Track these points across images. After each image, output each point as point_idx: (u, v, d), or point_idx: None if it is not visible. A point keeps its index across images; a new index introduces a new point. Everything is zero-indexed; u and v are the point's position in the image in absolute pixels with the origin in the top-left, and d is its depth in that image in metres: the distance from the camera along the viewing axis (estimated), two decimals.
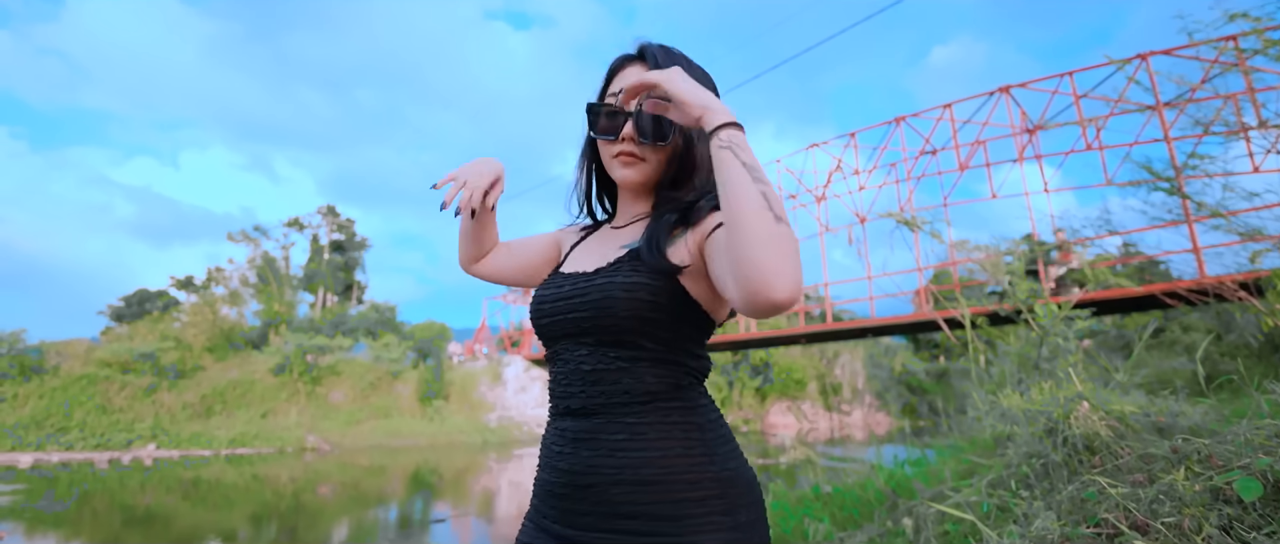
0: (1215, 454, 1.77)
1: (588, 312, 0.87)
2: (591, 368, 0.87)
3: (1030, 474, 2.37)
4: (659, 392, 0.85)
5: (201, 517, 10.51)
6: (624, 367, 0.85)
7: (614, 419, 0.85)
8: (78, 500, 11.33)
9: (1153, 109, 9.36)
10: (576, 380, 0.88)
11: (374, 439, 20.03)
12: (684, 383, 0.87)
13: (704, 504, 0.79)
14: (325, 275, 33.56)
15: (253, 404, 20.40)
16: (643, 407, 0.84)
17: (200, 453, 17.47)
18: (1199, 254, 9.04)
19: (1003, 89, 11.89)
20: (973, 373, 3.85)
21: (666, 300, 0.85)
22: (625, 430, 0.84)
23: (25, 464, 15.08)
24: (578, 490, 0.84)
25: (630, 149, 0.93)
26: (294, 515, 10.69)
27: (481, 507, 11.06)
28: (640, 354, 0.85)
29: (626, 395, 0.85)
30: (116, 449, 17.19)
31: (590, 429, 0.86)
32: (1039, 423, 2.59)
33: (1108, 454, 2.23)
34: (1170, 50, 8.42)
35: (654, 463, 0.81)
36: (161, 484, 13.31)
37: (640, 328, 0.85)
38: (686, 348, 0.88)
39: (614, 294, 0.85)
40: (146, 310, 29.97)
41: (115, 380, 19.01)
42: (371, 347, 24.25)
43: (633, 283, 0.84)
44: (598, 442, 0.85)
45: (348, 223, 37.09)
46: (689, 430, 0.84)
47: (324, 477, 14.26)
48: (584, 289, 0.89)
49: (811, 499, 4.00)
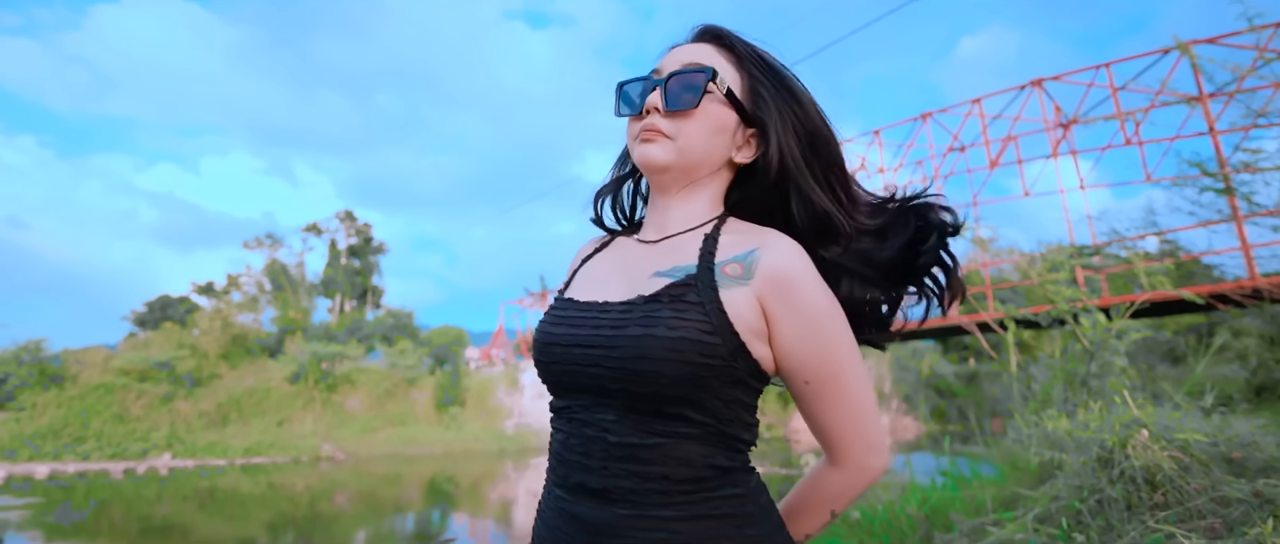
0: None
1: (615, 369, 0.67)
2: (618, 440, 0.68)
3: (1083, 510, 2.18)
4: (707, 477, 0.68)
5: (218, 527, 10.59)
6: (663, 443, 0.67)
7: (646, 513, 0.66)
8: (95, 511, 11.48)
9: (1196, 100, 9.01)
10: (598, 453, 0.69)
11: (390, 447, 20.12)
12: (736, 463, 0.70)
13: None
14: (342, 281, 33.88)
15: (268, 412, 20.60)
16: (687, 497, 0.67)
17: (216, 462, 17.66)
18: (1249, 253, 8.68)
19: (1035, 82, 11.58)
20: (1015, 390, 3.64)
21: (722, 362, 0.66)
22: (663, 529, 0.66)
23: (42, 475, 15.35)
24: None
25: (655, 122, 0.74)
26: (310, 525, 10.72)
27: (499, 517, 11.01)
28: (685, 428, 0.68)
29: (665, 481, 0.67)
30: (132, 459, 17.45)
31: (615, 523, 0.67)
32: (1091, 451, 2.39)
33: (1171, 490, 2.03)
34: (1214, 38, 8.09)
35: None
36: (177, 494, 13.45)
37: (687, 395, 0.66)
38: (741, 418, 0.71)
39: (651, 352, 0.65)
40: (168, 316, 30.43)
41: (132, 389, 19.30)
42: (387, 353, 24.38)
43: (678, 339, 0.65)
44: (626, 540, 0.66)
45: (365, 227, 37.49)
46: (743, 525, 0.67)
47: (340, 486, 14.32)
48: (610, 337, 0.69)
49: (837, 524, 3.81)
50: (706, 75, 0.73)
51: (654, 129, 0.74)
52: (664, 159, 0.74)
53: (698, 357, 0.65)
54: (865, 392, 0.69)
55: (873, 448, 0.69)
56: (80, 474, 15.61)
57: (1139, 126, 10.40)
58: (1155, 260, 10.49)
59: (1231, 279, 8.49)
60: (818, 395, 0.68)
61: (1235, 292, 6.04)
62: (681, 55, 0.76)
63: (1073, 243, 8.63)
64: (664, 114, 0.74)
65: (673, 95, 0.73)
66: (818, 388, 0.68)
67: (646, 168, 0.76)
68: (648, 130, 0.74)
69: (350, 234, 36.95)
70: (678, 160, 0.75)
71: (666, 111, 0.74)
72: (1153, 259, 10.43)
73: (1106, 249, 6.89)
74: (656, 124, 0.74)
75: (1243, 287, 6.26)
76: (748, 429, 0.72)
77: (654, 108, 0.74)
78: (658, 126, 0.74)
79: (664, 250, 0.76)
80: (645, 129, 0.74)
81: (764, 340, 0.69)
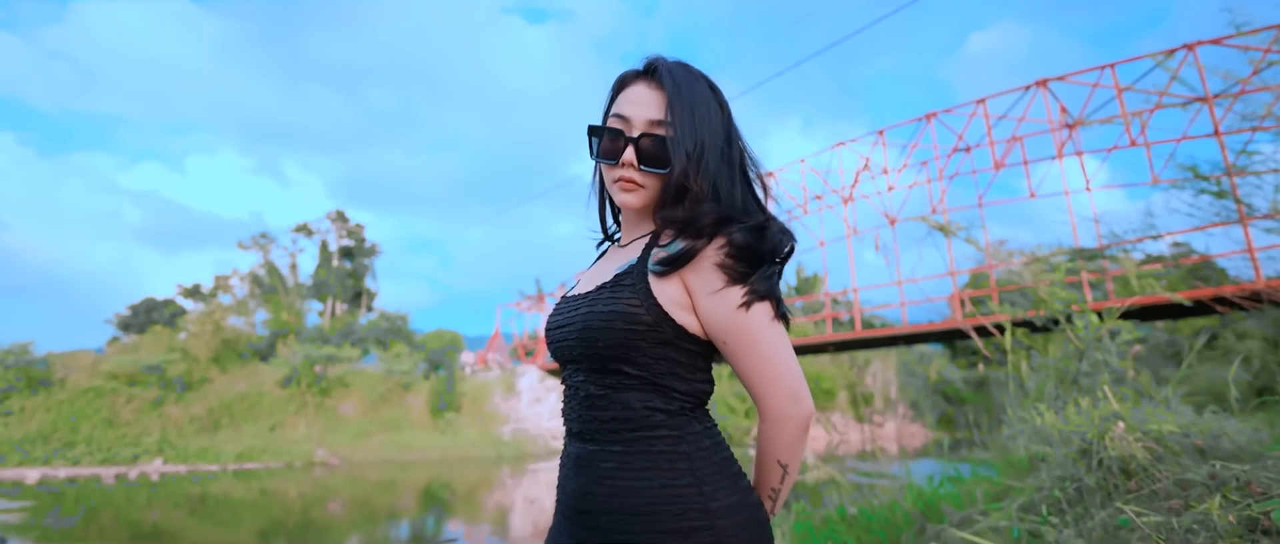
0: (1255, 481, 1.76)
1: (573, 340, 0.93)
2: (587, 394, 0.93)
3: (1062, 499, 2.37)
4: (645, 420, 0.89)
5: (209, 534, 10.73)
6: (610, 394, 0.90)
7: (605, 447, 0.90)
8: (84, 517, 11.63)
9: (1201, 101, 9.21)
10: (576, 404, 0.95)
11: (384, 453, 20.29)
12: (673, 409, 0.90)
13: (689, 538, 0.82)
14: (334, 283, 34.03)
15: (260, 417, 20.77)
16: (631, 434, 0.89)
17: (207, 467, 17.84)
18: (1254, 256, 8.88)
19: (1040, 82, 11.77)
20: (1010, 386, 3.83)
21: (645, 329, 0.88)
22: (614, 459, 0.88)
23: (32, 479, 15.52)
24: (578, 514, 0.90)
25: (630, 175, 0.96)
26: (303, 532, 10.87)
27: (495, 523, 11.16)
28: (622, 381, 0.90)
29: (615, 422, 0.90)
30: (123, 464, 17.63)
31: (587, 455, 0.92)
32: (1073, 444, 2.58)
33: (1144, 478, 2.22)
34: (1219, 40, 8.28)
35: (640, 493, 0.85)
36: (169, 500, 13.60)
37: (620, 355, 0.89)
38: (675, 373, 0.90)
39: (592, 324, 0.90)
40: (154, 320, 30.55)
41: (122, 393, 19.48)
42: (382, 357, 24.52)
43: (610, 313, 0.89)
44: (593, 468, 0.90)
45: (357, 228, 37.58)
46: (675, 460, 0.86)
47: (333, 492, 14.47)
48: (571, 318, 0.95)
49: (836, 521, 4.00)
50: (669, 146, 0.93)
51: (631, 181, 0.96)
52: (639, 204, 0.98)
53: (623, 325, 0.88)
54: (778, 349, 0.87)
55: (793, 397, 0.86)
56: (71, 479, 15.79)
57: (1144, 128, 10.59)
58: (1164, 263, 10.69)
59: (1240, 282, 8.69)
60: (735, 354, 0.87)
61: (1236, 294, 6.22)
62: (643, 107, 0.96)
63: (1077, 245, 8.81)
64: (638, 170, 0.96)
65: (644, 154, 0.95)
66: (734, 347, 0.87)
67: (626, 208, 1.01)
68: (626, 182, 0.97)
69: (342, 235, 37.10)
70: (648, 202, 0.98)
71: (641, 170, 0.95)
72: (1162, 261, 10.63)
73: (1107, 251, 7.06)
74: (633, 177, 0.96)
75: (1243, 289, 6.44)
76: (683, 382, 0.91)
77: (629, 163, 0.95)
78: (634, 179, 0.96)
79: (625, 252, 1.01)
80: (624, 180, 0.97)
81: (689, 311, 0.89)
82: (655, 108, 0.95)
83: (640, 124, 0.95)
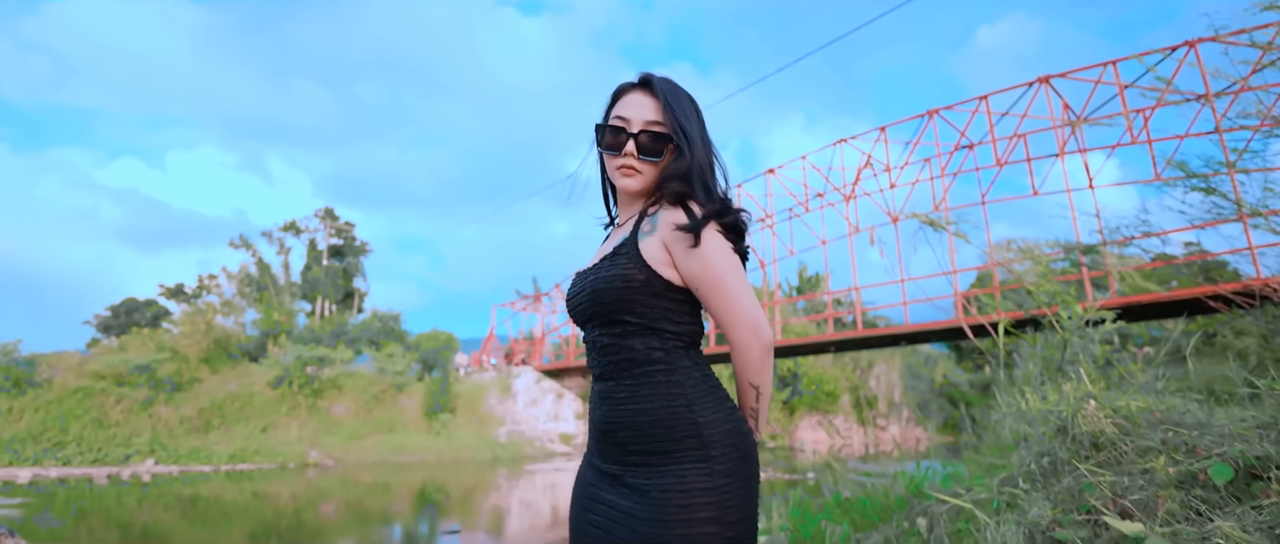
0: (1200, 445, 2.02)
1: (586, 302, 1.22)
2: (602, 344, 1.21)
3: (1037, 471, 2.63)
4: (648, 358, 1.17)
5: (200, 536, 10.94)
6: (618, 340, 1.19)
7: (620, 382, 1.19)
8: (74, 518, 11.84)
9: (1202, 98, 9.48)
10: (595, 352, 1.24)
11: (378, 455, 20.51)
12: (668, 347, 1.18)
13: (682, 443, 1.11)
14: (325, 282, 34.21)
15: (252, 418, 21.01)
16: (639, 369, 1.17)
17: (199, 468, 18.08)
18: (1254, 254, 9.16)
19: (1042, 79, 12.04)
20: (1000, 376, 4.10)
21: (639, 285, 1.16)
22: (626, 390, 1.17)
23: (24, 479, 15.76)
24: (604, 434, 1.20)
25: (631, 163, 1.24)
26: (295, 534, 11.08)
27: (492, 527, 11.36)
28: (627, 329, 1.18)
29: (625, 362, 1.18)
30: (114, 464, 17.88)
31: (607, 390, 1.21)
32: (1051, 422, 2.84)
33: (1112, 450, 2.48)
34: (1219, 36, 8.51)
35: (646, 413, 1.14)
36: (160, 501, 13.79)
37: (621, 308, 1.17)
38: (667, 318, 1.18)
39: (599, 287, 1.19)
40: (135, 322, 30.74)
41: (111, 393, 19.71)
42: (375, 357, 24.73)
43: (611, 276, 1.18)
44: (613, 399, 1.19)
45: (347, 226, 37.74)
46: (671, 387, 1.14)
47: (326, 494, 14.67)
48: (582, 287, 1.24)
49: (833, 506, 4.26)
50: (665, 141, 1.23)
51: (632, 168, 1.24)
52: (637, 188, 1.26)
53: (622, 284, 1.16)
54: (742, 292, 1.14)
55: (753, 329, 1.12)
56: (62, 479, 16.02)
57: (1146, 124, 10.86)
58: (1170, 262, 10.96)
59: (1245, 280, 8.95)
60: (708, 298, 1.15)
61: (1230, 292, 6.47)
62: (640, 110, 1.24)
63: (1078, 241, 9.08)
64: (638, 159, 1.24)
65: (643, 147, 1.23)
66: (707, 292, 1.15)
67: (624, 191, 1.29)
68: (628, 169, 1.25)
69: (331, 233, 37.27)
70: (643, 187, 1.26)
71: (640, 159, 1.24)
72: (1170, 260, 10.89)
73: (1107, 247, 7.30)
74: (633, 164, 1.24)
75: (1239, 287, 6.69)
76: (675, 324, 1.18)
77: (630, 154, 1.24)
78: (634, 167, 1.24)
79: (622, 230, 1.28)
80: (626, 167, 1.24)
81: (671, 266, 1.17)
82: (650, 111, 1.24)
83: (638, 123, 1.24)
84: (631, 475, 1.14)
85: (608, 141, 1.27)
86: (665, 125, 1.23)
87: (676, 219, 1.15)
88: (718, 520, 1.07)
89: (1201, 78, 9.56)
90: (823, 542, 3.47)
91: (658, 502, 1.08)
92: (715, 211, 1.15)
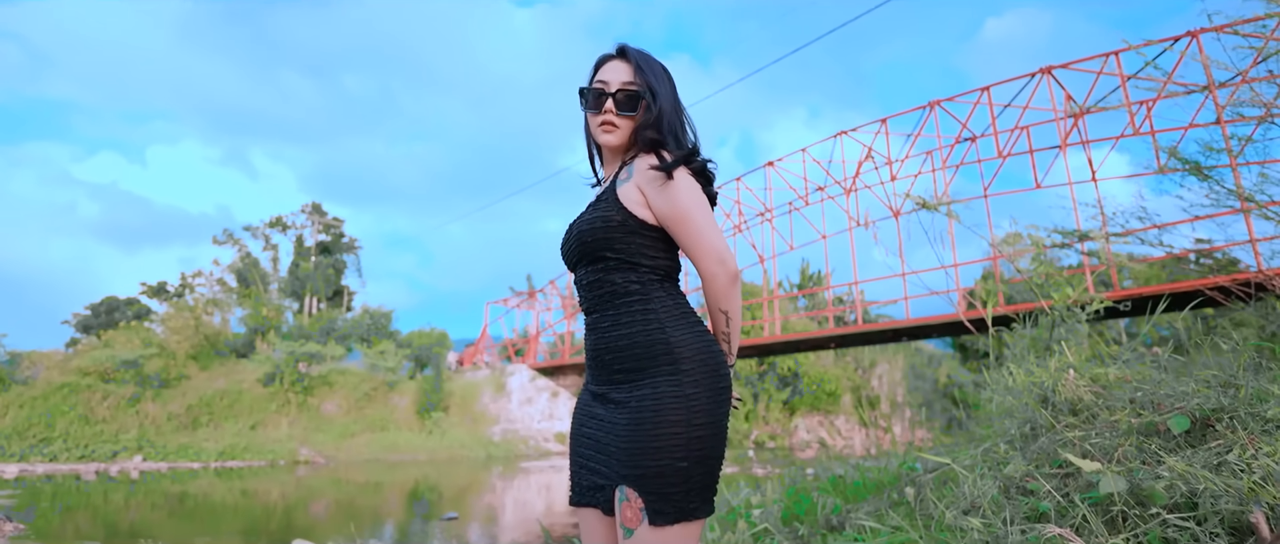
0: (1163, 402, 2.21)
1: (573, 245, 1.43)
2: (589, 281, 1.41)
3: (1019, 437, 2.82)
4: (627, 290, 1.36)
5: (187, 533, 11.09)
6: (602, 276, 1.38)
7: (604, 314, 1.38)
8: (61, 514, 11.98)
9: (1204, 89, 9.68)
10: (583, 288, 1.43)
11: (370, 453, 20.67)
12: (645, 280, 1.37)
13: (657, 361, 1.30)
14: (316, 279, 34.32)
15: (241, 415, 21.17)
16: (619, 300, 1.37)
17: (188, 465, 18.25)
18: (1255, 246, 9.37)
19: (1044, 70, 12.23)
20: (991, 355, 4.30)
21: (617, 225, 1.35)
22: (609, 319, 1.38)
23: (10, 475, 15.92)
24: (594, 359, 1.41)
25: (610, 119, 1.44)
26: (286, 533, 11.22)
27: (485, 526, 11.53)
28: (608, 265, 1.37)
29: (608, 295, 1.38)
30: (102, 460, 18.06)
31: (594, 321, 1.41)
32: (1033, 393, 3.04)
33: (1088, 415, 2.68)
34: (1221, 27, 8.69)
35: (626, 337, 1.34)
36: (148, 498, 13.92)
37: (602, 246, 1.36)
38: (642, 252, 1.37)
39: (583, 229, 1.40)
40: (115, 321, 30.78)
41: (97, 390, 19.86)
42: (367, 354, 24.86)
43: (592, 218, 1.39)
44: (599, 328, 1.39)
45: (335, 222, 37.83)
46: (647, 315, 1.34)
47: (317, 493, 14.81)
48: (570, 234, 1.45)
49: (826, 485, 4.45)
50: (641, 95, 1.42)
51: (611, 123, 1.44)
52: (616, 141, 1.45)
53: (602, 225, 1.36)
54: (708, 227, 1.31)
55: (718, 259, 1.29)
56: (48, 476, 16.18)
57: (1149, 115, 11.06)
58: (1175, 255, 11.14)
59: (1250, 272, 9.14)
60: (678, 232, 1.33)
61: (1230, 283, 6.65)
62: (617, 73, 1.45)
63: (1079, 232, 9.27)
64: (616, 114, 1.43)
65: (620, 104, 1.43)
66: (677, 228, 1.32)
67: (606, 146, 1.48)
68: (607, 124, 1.44)
69: (319, 229, 37.37)
70: (623, 141, 1.45)
71: (618, 114, 1.43)
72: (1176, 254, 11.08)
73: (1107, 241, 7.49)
74: (613, 120, 1.44)
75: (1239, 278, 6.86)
76: (649, 259, 1.37)
77: (610, 110, 1.43)
78: (614, 122, 1.44)
79: (606, 183, 1.48)
80: (605, 122, 1.44)
81: (645, 207, 1.36)
82: (626, 73, 1.45)
83: (616, 84, 1.44)
84: (615, 391, 1.35)
85: (591, 103, 1.46)
86: (638, 84, 1.43)
87: (650, 162, 1.35)
88: (685, 422, 1.25)
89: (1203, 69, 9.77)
90: (815, 513, 3.66)
91: (634, 409, 1.28)
92: (685, 156, 1.35)
